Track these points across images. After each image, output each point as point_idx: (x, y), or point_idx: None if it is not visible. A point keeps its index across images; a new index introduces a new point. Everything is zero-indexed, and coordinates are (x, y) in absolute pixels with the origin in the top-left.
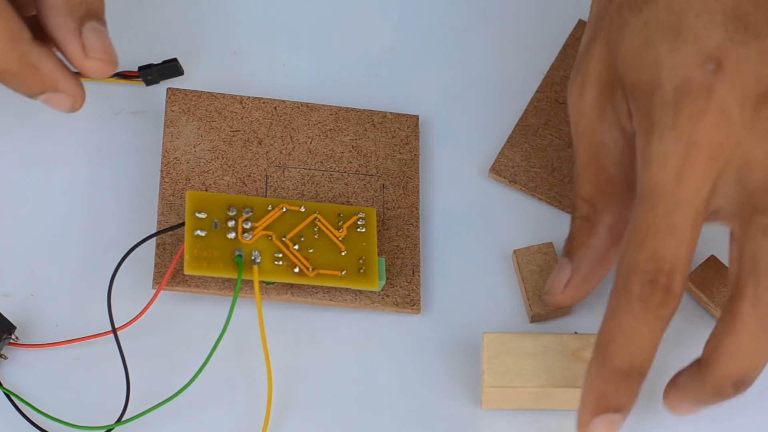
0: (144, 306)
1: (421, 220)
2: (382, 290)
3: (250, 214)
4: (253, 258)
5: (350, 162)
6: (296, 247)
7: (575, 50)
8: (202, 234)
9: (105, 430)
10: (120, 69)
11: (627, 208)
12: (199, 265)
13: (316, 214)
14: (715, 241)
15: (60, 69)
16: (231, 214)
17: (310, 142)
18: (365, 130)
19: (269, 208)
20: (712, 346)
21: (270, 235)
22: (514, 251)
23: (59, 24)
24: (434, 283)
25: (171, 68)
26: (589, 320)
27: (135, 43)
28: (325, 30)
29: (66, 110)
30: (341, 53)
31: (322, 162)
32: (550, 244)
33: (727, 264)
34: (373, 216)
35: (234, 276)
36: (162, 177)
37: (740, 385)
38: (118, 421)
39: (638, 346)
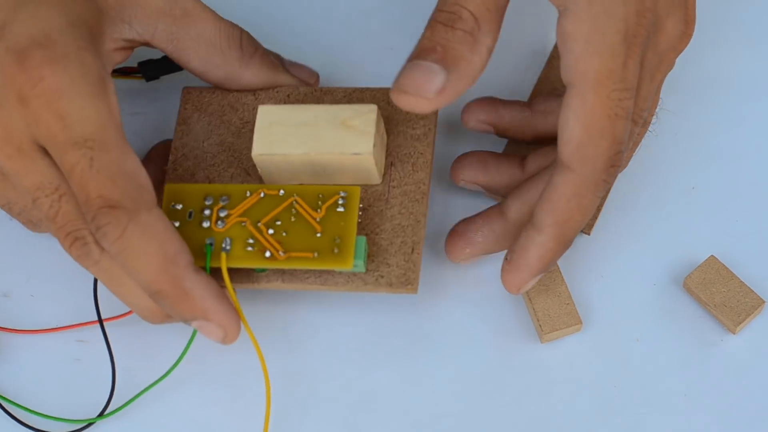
0: None
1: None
2: (377, 271)
3: (227, 201)
4: (223, 246)
5: None
6: (271, 231)
7: None
8: (175, 225)
9: (85, 423)
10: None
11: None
12: None
13: (294, 197)
14: (716, 241)
15: (213, 298)
16: (207, 203)
17: None
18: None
19: (247, 194)
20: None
21: (244, 222)
22: None
23: None
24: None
25: (171, 63)
26: (599, 333)
27: None
28: (325, 30)
29: (217, 340)
30: (341, 53)
31: None
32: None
33: (726, 264)
34: (356, 194)
35: (203, 265)
36: (167, 174)
37: None
38: (100, 415)
39: None
